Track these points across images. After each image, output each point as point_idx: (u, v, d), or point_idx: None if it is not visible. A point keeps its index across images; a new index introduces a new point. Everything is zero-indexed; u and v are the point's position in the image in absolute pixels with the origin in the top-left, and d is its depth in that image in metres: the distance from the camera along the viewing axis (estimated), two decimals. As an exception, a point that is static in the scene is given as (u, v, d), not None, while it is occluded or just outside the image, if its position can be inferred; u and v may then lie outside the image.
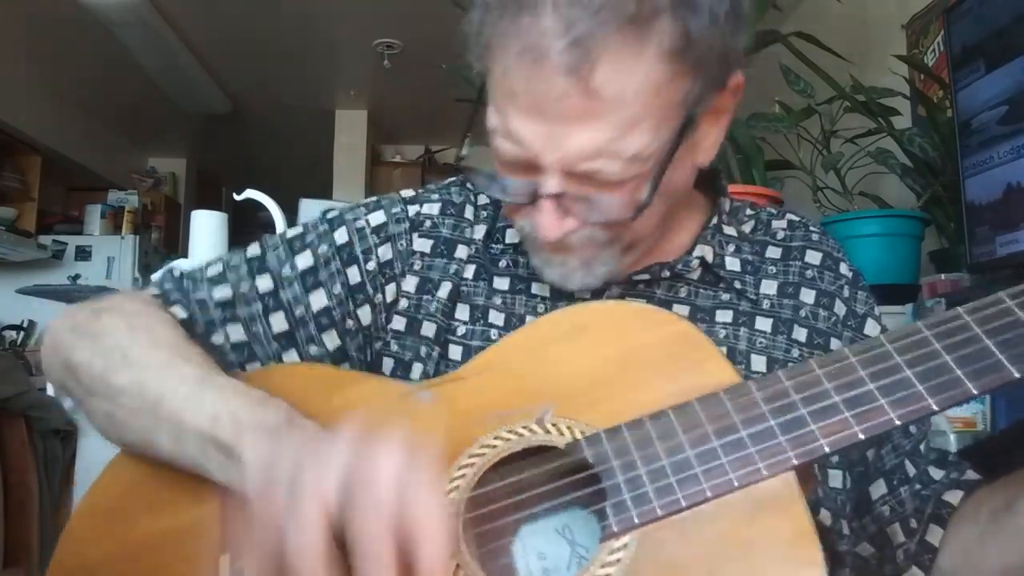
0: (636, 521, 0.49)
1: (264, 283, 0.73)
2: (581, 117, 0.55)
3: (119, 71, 4.46)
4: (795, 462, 0.49)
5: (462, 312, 0.72)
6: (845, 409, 0.49)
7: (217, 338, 0.71)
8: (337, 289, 0.73)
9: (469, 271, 0.73)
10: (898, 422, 0.48)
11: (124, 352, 0.64)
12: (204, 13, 3.85)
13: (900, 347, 0.51)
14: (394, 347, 0.72)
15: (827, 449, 0.48)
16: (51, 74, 4.54)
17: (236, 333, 0.72)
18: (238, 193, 1.88)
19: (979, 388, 0.48)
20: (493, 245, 0.74)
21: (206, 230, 1.82)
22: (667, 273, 0.70)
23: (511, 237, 0.74)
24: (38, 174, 4.64)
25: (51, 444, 3.43)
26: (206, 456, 0.57)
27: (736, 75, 0.62)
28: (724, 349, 0.57)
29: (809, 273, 0.73)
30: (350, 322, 0.73)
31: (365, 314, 0.73)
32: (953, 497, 0.66)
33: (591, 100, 0.54)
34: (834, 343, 0.71)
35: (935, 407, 0.48)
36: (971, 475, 0.69)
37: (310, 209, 1.82)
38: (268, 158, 6.30)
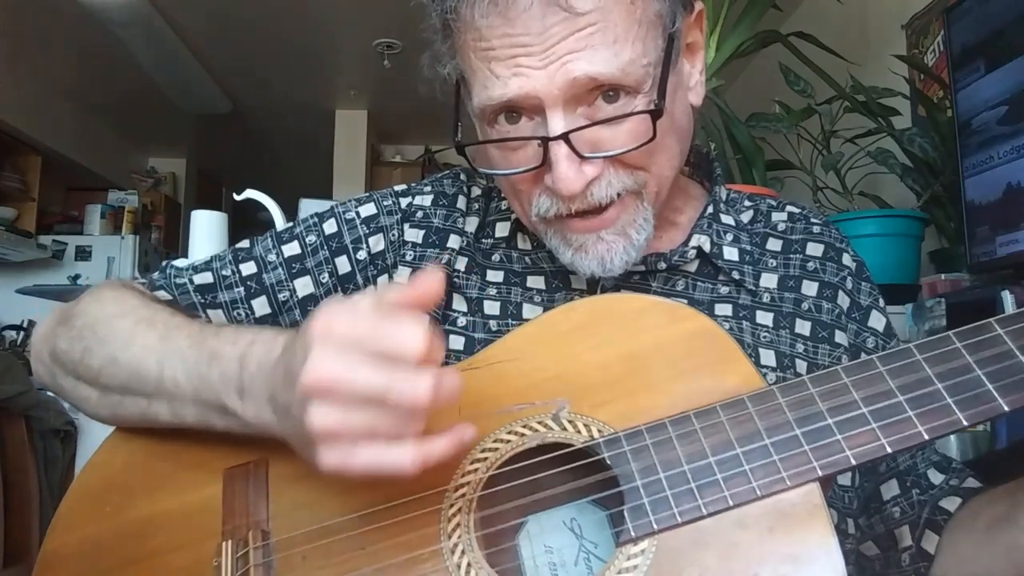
0: (655, 527, 0.48)
1: (247, 268, 0.73)
2: (568, 39, 0.56)
3: (119, 71, 4.45)
4: (820, 473, 0.48)
5: (459, 303, 0.71)
6: (873, 420, 0.48)
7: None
8: (324, 278, 0.72)
9: (461, 263, 0.72)
10: (927, 436, 0.47)
11: (93, 329, 0.64)
12: (204, 13, 3.84)
13: (930, 359, 0.49)
14: None
15: (853, 461, 0.47)
16: (51, 74, 4.53)
17: (218, 317, 0.72)
18: (238, 193, 1.88)
19: (1011, 404, 0.46)
20: (483, 240, 0.74)
21: (206, 230, 1.82)
22: (663, 265, 0.69)
23: (501, 231, 0.74)
24: (38, 174, 4.64)
25: (51, 444, 3.42)
26: (210, 419, 0.58)
27: (698, 1, 0.65)
28: None
29: (811, 265, 0.72)
30: None
31: None
32: (950, 504, 0.65)
33: (574, 19, 0.55)
34: (838, 336, 0.70)
35: (965, 422, 0.47)
36: (971, 483, 0.68)
37: (310, 209, 1.81)
38: (268, 158, 6.30)
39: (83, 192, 5.24)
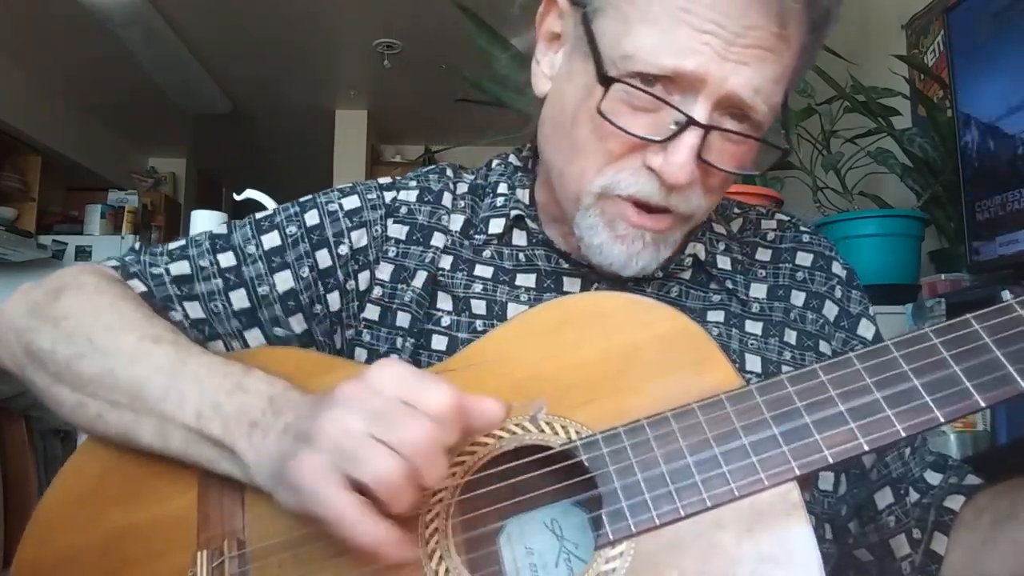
0: (633, 530, 0.48)
1: (226, 259, 0.71)
2: (754, 49, 0.56)
3: (119, 71, 4.46)
4: (798, 472, 0.47)
5: (444, 302, 0.69)
6: (850, 419, 0.48)
7: (175, 315, 0.69)
8: (305, 272, 0.70)
9: (446, 261, 0.71)
10: (904, 434, 0.47)
11: (89, 337, 0.62)
12: (204, 13, 3.85)
13: (908, 355, 0.49)
14: (367, 337, 0.70)
15: (831, 460, 0.47)
16: (51, 74, 4.54)
17: (194, 310, 0.70)
18: (238, 193, 1.88)
19: (987, 400, 0.46)
20: (475, 236, 0.72)
21: (206, 230, 1.82)
22: (660, 273, 0.69)
23: (494, 227, 0.72)
24: (38, 174, 4.65)
25: (51, 444, 3.43)
26: (196, 450, 0.56)
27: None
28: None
29: (800, 275, 0.72)
30: (318, 307, 0.71)
31: (334, 300, 0.71)
32: (954, 503, 0.65)
33: (778, 41, 0.56)
34: (823, 345, 0.70)
35: (942, 419, 0.46)
36: (971, 479, 0.67)
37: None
38: (268, 158, 6.30)
39: (83, 192, 5.25)
